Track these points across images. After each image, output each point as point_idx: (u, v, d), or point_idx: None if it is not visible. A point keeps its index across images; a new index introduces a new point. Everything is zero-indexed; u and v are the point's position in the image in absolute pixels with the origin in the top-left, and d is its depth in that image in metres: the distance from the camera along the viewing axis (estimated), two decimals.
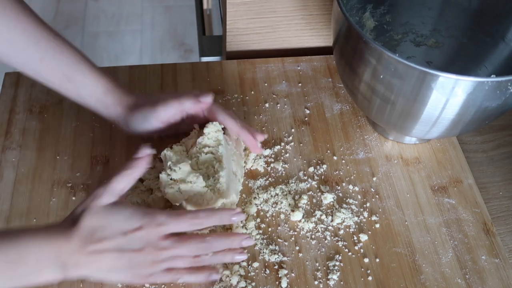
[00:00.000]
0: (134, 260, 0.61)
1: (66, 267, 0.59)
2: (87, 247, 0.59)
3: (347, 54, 0.73)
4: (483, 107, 0.67)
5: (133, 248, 0.60)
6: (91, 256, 0.59)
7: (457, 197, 0.78)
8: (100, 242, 0.59)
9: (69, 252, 0.59)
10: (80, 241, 0.59)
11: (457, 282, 0.70)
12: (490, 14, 0.83)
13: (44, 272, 0.58)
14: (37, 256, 0.57)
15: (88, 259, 0.59)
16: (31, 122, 0.83)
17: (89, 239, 0.59)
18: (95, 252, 0.59)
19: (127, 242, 0.60)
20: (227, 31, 0.96)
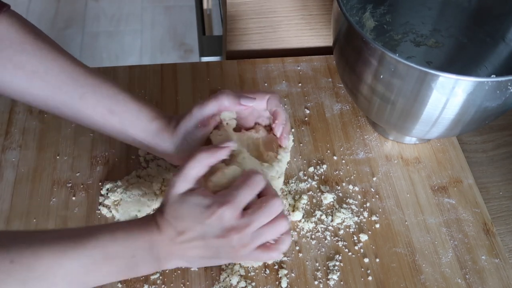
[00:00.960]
0: (222, 247, 0.59)
1: (159, 259, 0.59)
2: (176, 238, 0.59)
3: (347, 54, 0.73)
4: (483, 107, 0.67)
5: (216, 235, 0.59)
6: (181, 246, 0.59)
7: (457, 197, 0.78)
8: (184, 232, 0.59)
9: (161, 244, 0.59)
10: (169, 232, 0.59)
11: (457, 282, 0.70)
12: (490, 14, 0.83)
13: (140, 265, 0.59)
14: (134, 250, 0.58)
15: (179, 249, 0.59)
16: (31, 122, 0.83)
17: (175, 230, 0.59)
18: (183, 242, 0.59)
19: (207, 230, 0.58)
20: (227, 31, 0.96)
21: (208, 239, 0.59)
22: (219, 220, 0.58)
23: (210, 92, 0.89)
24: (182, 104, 0.87)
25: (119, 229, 0.58)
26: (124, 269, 0.58)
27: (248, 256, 0.61)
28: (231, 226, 0.58)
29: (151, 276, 0.68)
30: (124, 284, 0.68)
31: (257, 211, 0.59)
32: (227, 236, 0.58)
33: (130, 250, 0.57)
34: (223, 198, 0.59)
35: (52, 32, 2.27)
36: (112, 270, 0.57)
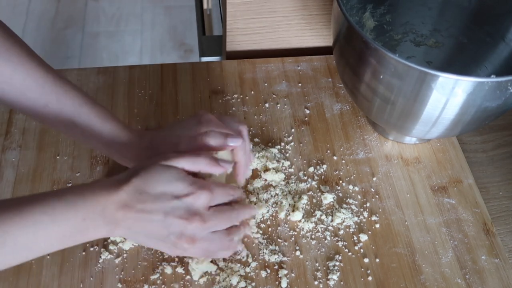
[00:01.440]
0: (176, 229, 0.59)
1: (111, 223, 0.58)
2: (134, 205, 0.58)
3: (347, 54, 0.73)
4: (483, 107, 0.67)
5: (179, 215, 0.59)
6: (136, 215, 0.58)
7: (457, 197, 0.78)
8: (148, 201, 0.58)
9: (116, 209, 0.57)
10: (129, 196, 0.58)
11: (457, 282, 0.70)
12: (490, 14, 0.83)
13: (91, 229, 0.57)
14: (83, 214, 0.56)
15: (132, 218, 0.58)
16: (31, 122, 0.83)
17: (138, 197, 0.58)
18: (140, 211, 0.58)
19: (176, 207, 0.59)
20: (227, 31, 0.96)
21: (169, 217, 0.58)
22: (192, 200, 0.59)
23: (210, 93, 0.89)
24: (182, 104, 0.87)
25: (69, 192, 0.57)
26: (74, 233, 0.56)
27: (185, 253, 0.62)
28: (198, 212, 0.60)
29: (150, 276, 0.68)
30: (124, 284, 0.68)
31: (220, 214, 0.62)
32: (189, 220, 0.59)
33: (80, 212, 0.56)
34: (204, 186, 0.60)
35: (52, 32, 2.27)
36: (62, 235, 0.56)
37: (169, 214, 0.59)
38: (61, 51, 2.18)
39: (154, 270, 0.69)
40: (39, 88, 0.65)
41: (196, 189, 0.59)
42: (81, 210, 0.56)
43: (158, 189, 0.59)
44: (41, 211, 0.54)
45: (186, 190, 0.59)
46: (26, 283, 0.67)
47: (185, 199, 0.59)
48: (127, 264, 0.69)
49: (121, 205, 0.58)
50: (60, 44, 2.22)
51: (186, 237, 0.60)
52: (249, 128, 0.84)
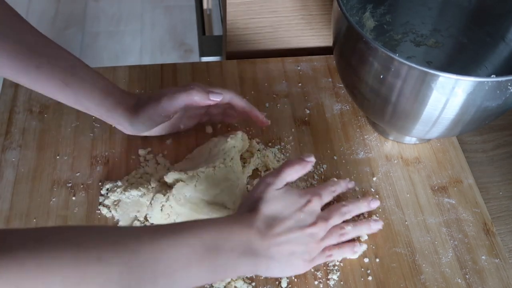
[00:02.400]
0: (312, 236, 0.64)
1: (257, 256, 0.60)
2: (273, 230, 0.61)
3: (347, 54, 0.73)
4: (483, 107, 0.67)
5: (310, 222, 0.64)
6: (276, 239, 0.61)
7: (457, 197, 0.78)
8: (283, 222, 0.62)
9: (258, 240, 0.60)
10: (264, 226, 0.61)
11: (457, 282, 0.70)
12: (490, 14, 0.83)
13: (240, 264, 0.59)
14: (232, 242, 0.58)
15: (274, 243, 0.61)
16: (31, 122, 0.83)
17: (273, 222, 0.62)
18: (280, 233, 0.61)
19: (303, 218, 0.64)
20: (227, 31, 0.96)
21: (304, 228, 0.63)
22: (311, 206, 0.65)
23: None
24: None
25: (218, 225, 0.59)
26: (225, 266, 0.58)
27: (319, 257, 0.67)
28: (320, 214, 0.66)
29: None
30: None
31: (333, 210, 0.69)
32: (317, 223, 0.64)
33: (229, 242, 0.58)
34: (312, 191, 0.67)
35: (52, 32, 2.27)
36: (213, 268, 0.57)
37: (302, 226, 0.63)
38: None
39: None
40: (30, 51, 0.67)
41: (309, 196, 0.66)
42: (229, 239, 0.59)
43: (286, 210, 0.63)
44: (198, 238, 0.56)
45: (303, 201, 0.65)
46: None
47: (305, 209, 0.65)
48: None
49: (261, 234, 0.61)
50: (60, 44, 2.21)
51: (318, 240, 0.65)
52: (249, 128, 0.84)
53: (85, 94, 0.71)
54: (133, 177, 0.77)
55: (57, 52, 0.70)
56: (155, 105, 0.72)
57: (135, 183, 0.76)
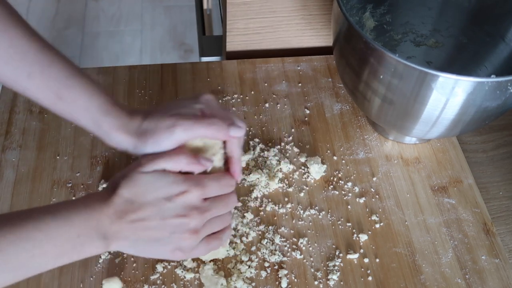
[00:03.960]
0: (177, 228, 0.58)
1: (107, 238, 0.56)
2: (128, 216, 0.56)
3: (347, 54, 0.73)
4: (483, 107, 0.67)
5: (177, 213, 0.58)
6: (132, 225, 0.57)
7: (457, 197, 0.78)
8: (141, 209, 0.57)
9: (110, 222, 0.56)
10: (120, 208, 0.56)
11: (457, 282, 0.70)
12: (490, 14, 0.83)
13: (86, 246, 0.55)
14: (78, 229, 0.54)
15: (129, 228, 0.57)
16: (31, 122, 0.83)
17: (130, 207, 0.57)
18: (136, 220, 0.57)
19: (172, 208, 0.58)
20: (227, 31, 0.96)
21: (166, 218, 0.57)
22: (186, 198, 0.58)
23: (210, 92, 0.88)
24: None
25: (62, 208, 0.55)
26: (70, 250, 0.55)
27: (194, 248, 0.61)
28: (194, 206, 0.58)
29: (150, 276, 0.68)
30: (124, 284, 0.68)
31: (217, 200, 0.61)
32: (188, 215, 0.58)
33: (74, 229, 0.54)
34: (195, 182, 0.59)
35: (52, 32, 2.27)
36: (57, 252, 0.54)
37: (165, 217, 0.58)
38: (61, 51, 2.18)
39: (154, 270, 0.69)
40: (22, 57, 0.60)
41: (187, 186, 0.58)
42: (75, 226, 0.54)
43: (148, 196, 0.57)
44: (35, 227, 0.52)
45: (176, 190, 0.58)
46: (26, 283, 0.67)
47: (177, 199, 0.58)
48: (127, 264, 0.69)
49: (114, 217, 0.56)
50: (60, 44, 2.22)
51: (189, 231, 0.59)
52: (249, 128, 0.85)
53: (79, 111, 0.62)
54: None
55: (51, 59, 0.61)
56: (167, 134, 0.61)
57: None
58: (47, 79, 0.61)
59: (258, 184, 0.78)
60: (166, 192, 0.58)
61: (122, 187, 0.57)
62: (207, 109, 0.64)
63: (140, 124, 0.62)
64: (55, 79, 0.61)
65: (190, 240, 0.60)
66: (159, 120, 0.62)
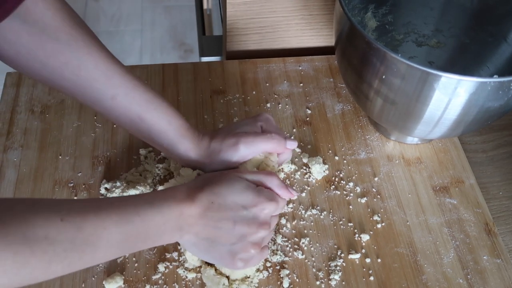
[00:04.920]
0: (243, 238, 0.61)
1: (182, 230, 0.60)
2: (207, 213, 0.60)
3: (349, 54, 0.73)
4: (485, 107, 0.67)
5: (249, 222, 0.61)
6: (206, 221, 0.60)
7: (458, 197, 0.78)
8: (219, 210, 0.60)
9: (189, 216, 0.59)
10: (202, 206, 0.60)
11: (459, 283, 0.70)
12: (492, 15, 0.83)
13: (167, 233, 0.59)
14: (166, 218, 0.58)
15: (202, 224, 0.60)
16: (32, 122, 0.83)
17: (210, 206, 0.60)
18: (211, 219, 0.60)
19: (245, 215, 0.61)
20: (227, 31, 0.96)
21: (238, 225, 0.60)
22: (260, 210, 0.61)
23: (211, 93, 0.89)
24: (183, 104, 0.87)
25: (156, 198, 0.59)
26: (154, 236, 0.58)
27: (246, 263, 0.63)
28: (265, 220, 0.62)
29: (152, 276, 0.68)
30: (126, 284, 0.68)
31: (275, 220, 0.66)
32: (257, 228, 0.61)
33: (163, 217, 0.58)
34: (271, 197, 0.63)
35: None
36: (145, 236, 0.57)
37: (238, 223, 0.60)
38: None
39: (156, 270, 0.69)
40: (107, 80, 0.63)
41: (264, 200, 0.62)
42: (165, 215, 0.58)
43: (229, 199, 0.61)
44: (134, 212, 0.56)
45: (254, 201, 0.61)
46: None
47: (252, 209, 0.61)
48: (129, 264, 0.69)
49: (195, 213, 0.60)
50: None
51: (253, 243, 0.62)
52: None
53: (159, 133, 0.67)
54: (132, 175, 0.77)
55: (134, 83, 0.65)
56: (232, 152, 0.68)
57: (133, 181, 0.76)
58: (130, 102, 0.65)
59: None
60: (244, 200, 0.61)
61: (209, 186, 0.61)
62: (266, 126, 0.72)
63: (208, 145, 0.69)
64: (138, 102, 0.65)
65: (252, 251, 0.62)
66: (224, 140, 0.68)
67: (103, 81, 0.63)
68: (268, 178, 0.64)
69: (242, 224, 0.61)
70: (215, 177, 0.63)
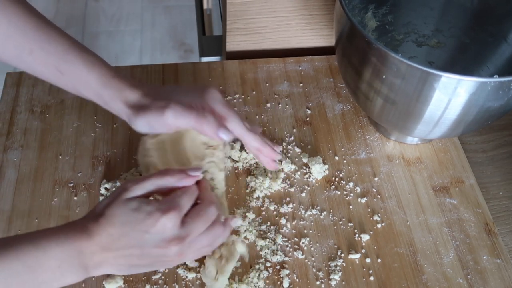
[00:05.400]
0: (159, 256, 0.58)
1: (88, 268, 0.56)
2: (110, 247, 0.56)
3: (349, 54, 0.73)
4: (485, 107, 0.67)
5: (155, 245, 0.57)
6: (114, 253, 0.56)
7: (458, 197, 0.78)
8: (122, 240, 0.56)
9: (92, 252, 0.55)
10: (102, 241, 0.55)
11: (459, 283, 0.70)
12: (492, 15, 0.83)
13: (66, 275, 0.54)
14: (58, 260, 0.53)
15: (111, 258, 0.56)
16: (32, 122, 0.83)
17: (111, 239, 0.56)
18: (118, 249, 0.56)
19: (150, 240, 0.56)
20: (227, 31, 0.96)
21: (146, 248, 0.57)
22: (162, 229, 0.56)
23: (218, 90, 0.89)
24: None
25: (44, 238, 0.54)
26: (49, 280, 0.54)
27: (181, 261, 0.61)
28: (173, 236, 0.57)
29: (152, 276, 0.68)
30: (126, 284, 0.68)
31: (196, 220, 0.59)
32: (167, 247, 0.57)
33: (55, 259, 0.53)
34: (166, 205, 0.57)
35: None
36: (36, 283, 0.53)
37: (144, 247, 0.57)
38: None
39: (156, 270, 0.69)
40: (22, 35, 0.61)
41: (159, 215, 0.56)
42: (56, 257, 0.53)
43: (127, 228, 0.56)
44: (14, 257, 0.51)
45: (150, 221, 0.56)
46: None
47: (153, 231, 0.56)
48: None
49: (98, 248, 0.56)
50: None
51: (172, 256, 0.58)
52: None
53: (80, 84, 0.64)
54: (132, 175, 0.77)
55: (50, 35, 0.62)
56: (157, 115, 0.62)
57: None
58: (46, 55, 0.62)
59: (260, 185, 0.78)
60: (144, 225, 0.56)
61: (104, 219, 0.56)
62: (208, 105, 0.65)
63: (139, 98, 0.63)
64: (54, 54, 0.62)
65: (174, 262, 0.59)
66: (156, 99, 0.63)
67: (18, 37, 0.62)
68: (159, 179, 0.59)
69: (150, 248, 0.57)
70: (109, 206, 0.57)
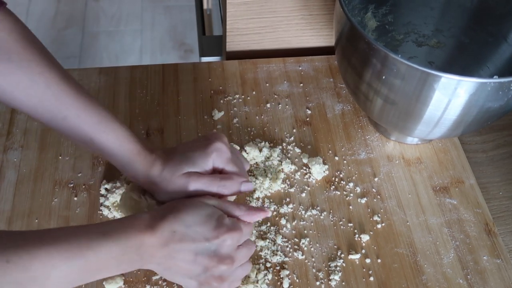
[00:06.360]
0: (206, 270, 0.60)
1: (144, 259, 0.59)
2: (168, 244, 0.58)
3: (349, 54, 0.73)
4: (485, 108, 0.67)
5: (209, 256, 0.60)
6: (170, 252, 0.59)
7: (458, 198, 0.78)
8: (181, 241, 0.59)
9: (150, 246, 0.58)
10: (163, 237, 0.58)
11: (458, 283, 0.70)
12: (493, 15, 0.83)
13: (127, 262, 0.58)
14: (125, 249, 0.57)
15: (164, 256, 0.59)
16: (32, 122, 0.83)
17: (172, 236, 0.59)
18: (173, 250, 0.59)
19: (207, 248, 0.59)
20: (227, 31, 0.96)
21: (199, 256, 0.59)
22: (222, 242, 0.60)
23: (211, 93, 0.89)
24: (183, 104, 0.87)
25: (113, 229, 0.57)
26: (112, 266, 0.57)
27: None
28: (227, 255, 0.60)
29: (153, 276, 0.68)
30: (126, 284, 0.68)
31: (244, 250, 0.63)
32: (219, 262, 0.60)
33: (121, 249, 0.57)
34: (233, 225, 0.61)
35: (52, 32, 2.27)
36: (102, 269, 0.57)
37: (199, 255, 0.59)
38: (61, 51, 2.18)
39: None
40: (57, 100, 0.64)
41: (226, 231, 0.60)
42: (123, 246, 0.57)
43: (191, 228, 0.59)
44: (86, 246, 0.55)
45: (215, 232, 0.59)
46: None
47: (214, 241, 0.59)
48: None
49: (156, 243, 0.58)
50: (60, 44, 2.22)
51: (216, 277, 0.61)
52: (251, 128, 0.85)
53: (110, 156, 0.67)
54: None
55: (85, 104, 0.65)
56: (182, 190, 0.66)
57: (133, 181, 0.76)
58: (80, 124, 0.65)
59: (260, 185, 0.78)
60: (205, 231, 0.59)
61: (171, 215, 0.59)
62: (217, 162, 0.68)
63: (159, 173, 0.67)
64: (88, 124, 0.65)
65: (215, 284, 0.61)
66: (174, 175, 0.66)
67: (53, 102, 0.64)
68: (235, 208, 0.64)
69: (203, 257, 0.59)
70: (180, 203, 0.62)
